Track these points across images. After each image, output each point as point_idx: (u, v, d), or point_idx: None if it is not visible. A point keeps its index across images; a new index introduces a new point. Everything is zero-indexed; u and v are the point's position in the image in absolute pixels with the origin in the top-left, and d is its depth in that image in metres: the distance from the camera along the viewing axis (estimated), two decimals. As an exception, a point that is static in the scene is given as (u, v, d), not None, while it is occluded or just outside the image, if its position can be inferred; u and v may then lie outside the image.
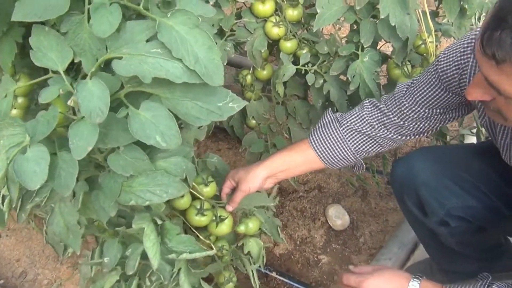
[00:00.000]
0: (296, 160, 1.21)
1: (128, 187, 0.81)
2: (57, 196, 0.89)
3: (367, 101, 1.19)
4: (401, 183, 1.27)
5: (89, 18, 0.71)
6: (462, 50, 1.01)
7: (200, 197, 1.13)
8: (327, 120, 1.21)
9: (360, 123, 1.17)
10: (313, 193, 1.92)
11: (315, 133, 1.21)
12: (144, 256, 0.91)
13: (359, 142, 1.19)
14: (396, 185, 1.32)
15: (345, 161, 1.20)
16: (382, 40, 1.32)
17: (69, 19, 0.72)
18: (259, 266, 1.25)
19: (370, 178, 1.82)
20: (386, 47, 1.51)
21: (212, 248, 1.16)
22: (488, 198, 1.20)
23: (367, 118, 1.16)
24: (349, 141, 1.18)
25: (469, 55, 0.99)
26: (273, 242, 1.71)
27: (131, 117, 0.72)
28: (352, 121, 1.18)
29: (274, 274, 1.61)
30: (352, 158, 1.20)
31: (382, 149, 1.22)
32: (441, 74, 1.06)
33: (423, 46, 1.32)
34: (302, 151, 1.21)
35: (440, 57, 1.06)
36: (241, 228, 1.20)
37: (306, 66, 1.40)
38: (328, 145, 1.19)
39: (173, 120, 0.72)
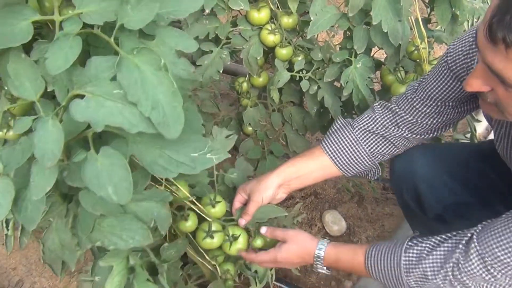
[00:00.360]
0: (310, 167, 1.18)
1: (98, 225, 0.79)
2: (56, 211, 0.88)
3: (377, 104, 1.18)
4: (400, 178, 1.28)
5: None
6: (471, 39, 1.01)
7: (208, 218, 1.11)
8: (339, 125, 1.20)
9: (373, 124, 1.16)
10: (309, 199, 1.92)
11: (328, 139, 1.19)
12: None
13: (374, 143, 1.18)
14: (395, 179, 1.32)
15: (360, 165, 1.19)
16: (376, 46, 1.34)
17: (39, 47, 0.70)
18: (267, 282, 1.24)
19: (366, 184, 1.83)
20: (380, 54, 1.53)
21: (217, 270, 1.15)
22: (485, 196, 1.21)
23: (379, 119, 1.16)
24: (363, 142, 1.17)
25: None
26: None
27: (87, 163, 0.67)
28: (364, 123, 1.17)
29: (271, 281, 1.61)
30: (368, 161, 1.19)
31: (397, 150, 1.21)
32: (451, 64, 1.05)
33: (416, 52, 1.34)
34: (315, 157, 1.19)
35: (449, 48, 1.06)
36: (258, 243, 1.16)
37: (301, 72, 1.42)
38: (342, 148, 1.17)
39: (128, 173, 0.66)
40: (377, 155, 1.19)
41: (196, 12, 0.71)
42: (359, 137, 1.17)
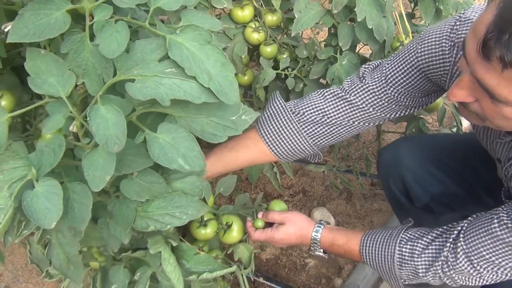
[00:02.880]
0: (240, 157, 1.12)
1: (144, 212, 0.78)
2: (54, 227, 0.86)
3: (328, 92, 1.10)
4: (387, 169, 1.29)
5: (91, 36, 0.67)
6: (445, 43, 0.98)
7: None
8: (277, 107, 1.11)
9: (321, 116, 1.09)
10: (298, 197, 1.92)
11: (266, 125, 1.10)
12: (152, 278, 0.89)
13: (319, 133, 1.11)
14: (381, 171, 1.33)
15: (301, 154, 1.14)
16: (361, 43, 1.34)
17: (70, 38, 0.68)
18: (248, 273, 1.25)
19: (354, 180, 1.83)
20: (365, 50, 1.52)
21: None
22: (471, 186, 1.23)
23: (331, 112, 1.09)
24: (307, 135, 1.10)
25: (450, 50, 0.97)
26: (260, 247, 1.71)
27: (150, 141, 0.68)
28: (311, 114, 1.09)
29: (261, 280, 1.60)
30: (310, 150, 1.13)
31: (341, 139, 1.16)
32: (420, 63, 1.02)
33: (401, 47, 1.34)
34: (251, 145, 1.12)
35: (420, 49, 1.01)
36: (259, 224, 1.17)
37: (286, 70, 1.41)
38: (283, 139, 1.10)
39: (194, 141, 0.69)
40: (320, 146, 1.14)
41: (178, 10, 0.70)
42: (301, 128, 1.10)
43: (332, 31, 1.37)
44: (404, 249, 1.01)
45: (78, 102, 0.71)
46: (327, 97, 1.10)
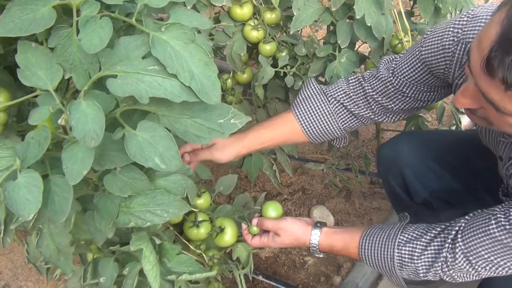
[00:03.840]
0: (275, 135, 1.18)
1: (126, 208, 0.78)
2: (46, 216, 0.85)
3: (353, 78, 1.17)
4: (386, 164, 1.29)
5: (78, 31, 0.67)
6: (447, 39, 0.99)
7: (193, 209, 1.13)
8: (312, 91, 1.18)
9: (346, 98, 1.16)
10: (297, 195, 1.92)
11: (301, 106, 1.17)
12: (141, 273, 0.89)
13: (345, 118, 1.18)
14: (381, 166, 1.33)
15: (330, 135, 1.19)
16: (360, 40, 1.34)
17: (57, 33, 0.68)
18: (246, 272, 1.25)
19: (353, 178, 1.83)
20: (364, 48, 1.52)
21: (203, 258, 1.16)
22: (470, 182, 1.23)
23: (352, 96, 1.15)
24: (337, 116, 1.17)
25: (455, 47, 0.98)
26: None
27: (128, 138, 0.68)
28: (338, 94, 1.16)
29: (260, 278, 1.60)
30: (338, 132, 1.19)
31: (363, 125, 1.22)
32: (425, 59, 1.04)
33: (399, 45, 1.34)
34: (284, 124, 1.18)
35: (424, 41, 1.04)
36: (254, 229, 1.16)
37: (285, 68, 1.41)
38: (316, 119, 1.16)
39: (172, 140, 0.69)
40: (347, 128, 1.20)
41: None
42: (334, 110, 1.16)
43: (331, 29, 1.37)
44: (403, 252, 1.01)
45: (68, 96, 0.72)
46: (350, 81, 1.17)
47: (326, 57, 1.35)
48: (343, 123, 1.18)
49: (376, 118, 1.18)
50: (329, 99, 1.16)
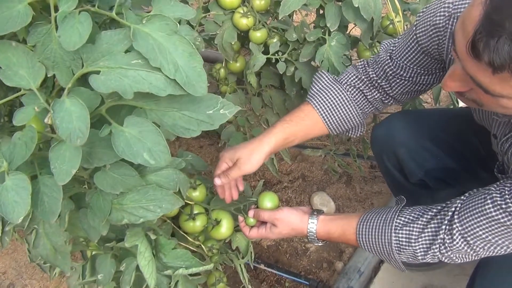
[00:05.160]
0: (298, 129, 1.15)
1: (119, 205, 0.78)
2: (39, 217, 0.85)
3: (359, 63, 1.18)
4: (381, 144, 1.27)
5: (57, 27, 0.66)
6: (439, 16, 0.98)
7: (189, 202, 1.12)
8: (327, 81, 1.17)
9: (359, 81, 1.16)
10: (297, 182, 1.91)
11: (318, 97, 1.16)
12: (139, 268, 0.88)
13: (362, 102, 1.17)
14: (375, 146, 1.31)
15: (349, 123, 1.18)
16: (350, 23, 1.32)
17: (36, 30, 0.67)
18: (247, 260, 1.25)
19: (353, 163, 1.82)
20: (358, 31, 1.50)
21: (202, 249, 1.16)
22: (466, 160, 1.21)
23: (363, 78, 1.15)
24: (354, 100, 1.16)
25: (446, 22, 0.97)
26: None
27: (115, 135, 0.67)
28: (351, 79, 1.16)
29: (262, 266, 1.60)
30: (357, 118, 1.17)
31: (377, 111, 1.23)
32: (419, 38, 1.03)
33: (391, 26, 1.32)
34: (305, 117, 1.16)
35: (417, 20, 1.03)
36: (251, 221, 1.15)
37: (277, 54, 1.39)
38: (335, 107, 1.15)
39: (160, 135, 0.68)
40: (364, 113, 1.19)
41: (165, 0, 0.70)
42: (350, 96, 1.16)
43: (320, 12, 1.35)
44: (400, 235, 1.00)
45: (54, 94, 0.71)
46: (359, 67, 1.17)
47: (316, 41, 1.33)
48: (360, 108, 1.17)
49: (386, 101, 1.18)
50: (344, 86, 1.16)
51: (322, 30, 1.32)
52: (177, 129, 0.72)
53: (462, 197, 0.96)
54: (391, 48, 1.11)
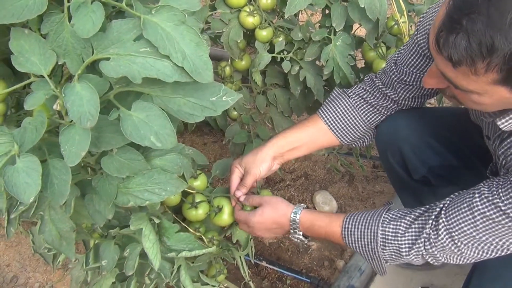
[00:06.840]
0: (303, 136, 1.21)
1: (125, 188, 0.80)
2: (46, 203, 0.87)
3: (367, 77, 1.22)
4: (385, 141, 1.29)
5: (69, 17, 0.69)
6: (435, 13, 1.01)
7: (191, 191, 1.14)
8: (335, 94, 1.24)
9: (365, 93, 1.20)
10: (300, 181, 1.93)
11: (325, 107, 1.23)
12: (142, 255, 0.91)
13: (367, 110, 1.21)
14: (380, 143, 1.33)
15: (355, 131, 1.22)
16: (356, 23, 1.33)
17: (49, 19, 0.70)
18: (247, 255, 1.26)
19: (356, 163, 1.83)
20: (362, 32, 1.52)
21: (202, 240, 1.18)
22: (469, 158, 1.23)
23: (369, 90, 1.20)
24: (358, 108, 1.21)
25: None
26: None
27: (123, 118, 0.70)
28: (358, 91, 1.21)
29: (264, 263, 1.61)
30: (363, 126, 1.22)
31: (380, 118, 1.25)
32: (419, 42, 1.07)
33: (396, 26, 1.33)
34: (311, 125, 1.22)
35: (418, 27, 1.07)
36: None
37: (282, 53, 1.41)
38: (338, 115, 1.21)
39: (167, 119, 0.70)
40: (371, 122, 1.22)
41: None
42: (354, 104, 1.21)
43: (326, 12, 1.37)
44: (387, 229, 1.01)
45: (63, 82, 0.73)
46: (366, 80, 1.22)
47: (322, 40, 1.34)
48: (366, 116, 1.21)
49: (392, 109, 1.21)
50: (350, 95, 1.21)
51: (328, 30, 1.34)
52: (182, 115, 0.74)
53: (452, 196, 0.98)
54: (396, 55, 1.15)
